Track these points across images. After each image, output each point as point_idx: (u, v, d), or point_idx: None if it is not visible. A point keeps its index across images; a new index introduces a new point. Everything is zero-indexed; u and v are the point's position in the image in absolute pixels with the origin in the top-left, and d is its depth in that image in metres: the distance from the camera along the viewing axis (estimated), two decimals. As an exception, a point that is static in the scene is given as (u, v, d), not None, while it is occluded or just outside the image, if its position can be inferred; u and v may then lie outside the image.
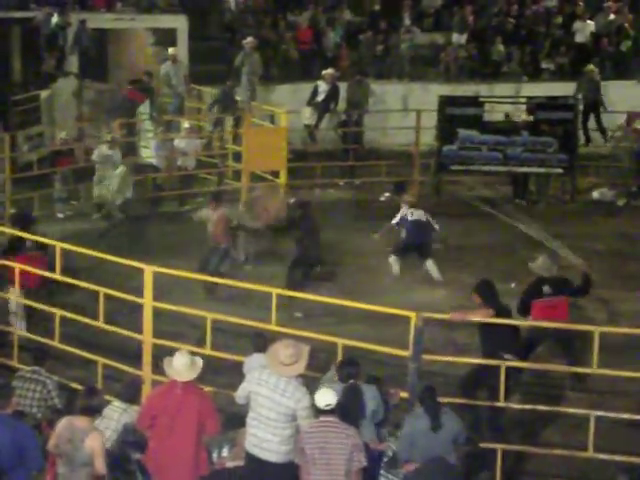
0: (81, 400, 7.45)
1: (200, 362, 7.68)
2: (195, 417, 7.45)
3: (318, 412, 7.33)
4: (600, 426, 8.45)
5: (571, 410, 9.00)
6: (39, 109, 18.38)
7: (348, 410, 7.57)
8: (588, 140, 19.03)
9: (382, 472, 7.80)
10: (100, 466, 7.31)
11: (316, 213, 14.15)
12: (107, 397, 8.18)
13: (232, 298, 11.43)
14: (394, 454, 7.78)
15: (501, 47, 21.35)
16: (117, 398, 8.20)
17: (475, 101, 17.76)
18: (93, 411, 7.41)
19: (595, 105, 19.16)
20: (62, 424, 7.34)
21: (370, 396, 7.96)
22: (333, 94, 18.48)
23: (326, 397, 7.33)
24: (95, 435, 7.35)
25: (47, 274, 10.28)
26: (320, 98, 18.43)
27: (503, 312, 9.07)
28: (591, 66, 19.46)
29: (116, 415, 8.02)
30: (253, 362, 8.58)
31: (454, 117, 17.15)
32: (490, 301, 9.05)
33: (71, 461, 7.26)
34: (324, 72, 18.54)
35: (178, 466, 7.49)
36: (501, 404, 8.69)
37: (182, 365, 7.54)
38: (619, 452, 8.39)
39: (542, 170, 17.15)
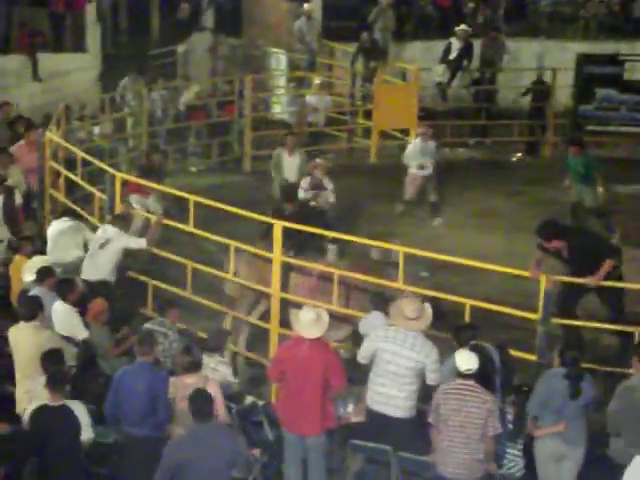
0: (182, 359, 7.61)
1: (326, 317, 7.73)
2: (321, 373, 7.54)
3: (458, 375, 7.30)
4: None
5: None
6: (175, 64, 18.76)
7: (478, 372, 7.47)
8: None
9: (505, 445, 7.68)
10: (222, 412, 7.48)
11: (445, 173, 14.08)
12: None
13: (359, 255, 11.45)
14: (515, 424, 7.69)
15: (645, 3, 20.52)
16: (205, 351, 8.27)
17: (615, 59, 17.15)
18: (197, 366, 7.58)
19: None
20: (173, 387, 7.48)
21: (495, 357, 7.90)
22: (466, 52, 18.16)
23: (469, 362, 7.27)
24: (213, 383, 7.52)
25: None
26: (453, 56, 18.14)
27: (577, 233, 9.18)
28: None
29: (209, 373, 8.05)
30: (372, 321, 8.62)
31: (592, 76, 16.63)
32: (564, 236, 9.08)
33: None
34: (457, 29, 18.22)
35: (306, 419, 7.62)
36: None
37: (308, 320, 7.62)
38: None
39: (685, 132, 16.50)
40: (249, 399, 8.41)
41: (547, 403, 7.40)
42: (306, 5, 18.71)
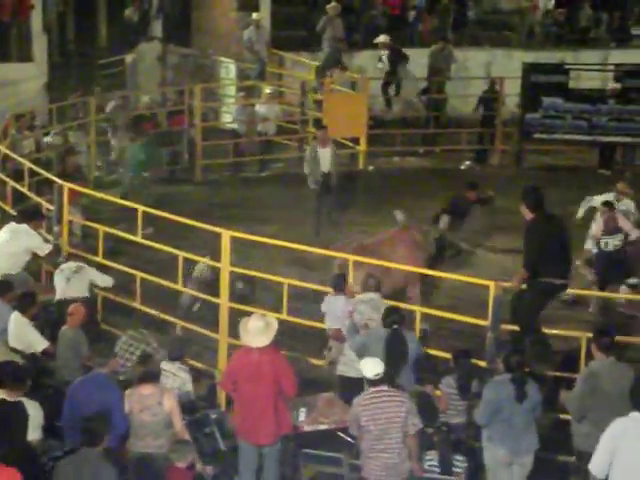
0: (138, 368, 7.59)
1: (275, 324, 7.71)
2: (272, 380, 7.56)
3: (368, 382, 7.41)
4: None
5: None
6: (124, 73, 18.64)
7: (392, 355, 7.83)
8: None
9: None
10: (179, 424, 7.47)
11: (396, 181, 14.15)
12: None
13: (309, 263, 11.48)
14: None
15: (589, 12, 20.84)
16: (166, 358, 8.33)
17: (560, 68, 17.42)
18: (153, 376, 7.55)
19: None
20: (130, 398, 7.47)
21: (412, 342, 8.22)
22: (395, 58, 18.31)
23: (374, 367, 7.40)
24: (170, 394, 7.51)
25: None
26: (387, 68, 18.32)
27: (546, 218, 9.02)
28: None
29: (169, 382, 8.12)
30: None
31: (538, 84, 16.86)
32: (535, 209, 8.99)
33: (151, 429, 7.41)
34: (376, 40, 18.40)
35: (261, 427, 7.62)
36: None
37: (256, 329, 7.60)
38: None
39: (629, 139, 16.78)
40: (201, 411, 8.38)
41: (496, 412, 7.48)
42: (255, 14, 18.72)
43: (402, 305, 8.96)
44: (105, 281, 10.20)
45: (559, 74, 16.99)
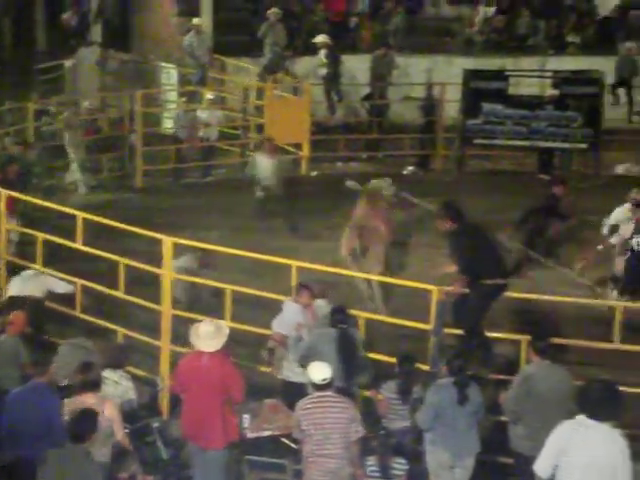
0: (78, 376, 7.50)
1: (226, 329, 7.69)
2: (220, 385, 7.52)
3: (314, 387, 7.41)
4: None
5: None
6: (63, 78, 18.42)
7: (343, 355, 7.97)
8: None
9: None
10: (120, 433, 7.39)
11: (339, 187, 14.17)
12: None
13: (252, 270, 11.43)
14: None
15: (528, 20, 21.13)
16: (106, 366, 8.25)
17: (500, 75, 17.64)
18: (93, 385, 7.47)
19: (627, 81, 19.02)
20: (69, 407, 7.36)
21: (360, 342, 8.35)
22: (334, 59, 18.38)
23: (322, 372, 7.40)
24: (110, 403, 7.44)
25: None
26: (325, 69, 18.40)
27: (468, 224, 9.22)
28: (627, 44, 19.27)
29: (111, 389, 8.06)
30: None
31: (479, 91, 17.05)
32: (457, 219, 9.15)
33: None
34: (314, 40, 18.42)
35: (207, 432, 7.57)
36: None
37: (207, 333, 7.57)
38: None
39: (566, 145, 17.03)
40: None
41: (439, 414, 7.52)
42: (195, 20, 18.63)
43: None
44: (64, 287, 10.09)
45: (499, 80, 17.21)
